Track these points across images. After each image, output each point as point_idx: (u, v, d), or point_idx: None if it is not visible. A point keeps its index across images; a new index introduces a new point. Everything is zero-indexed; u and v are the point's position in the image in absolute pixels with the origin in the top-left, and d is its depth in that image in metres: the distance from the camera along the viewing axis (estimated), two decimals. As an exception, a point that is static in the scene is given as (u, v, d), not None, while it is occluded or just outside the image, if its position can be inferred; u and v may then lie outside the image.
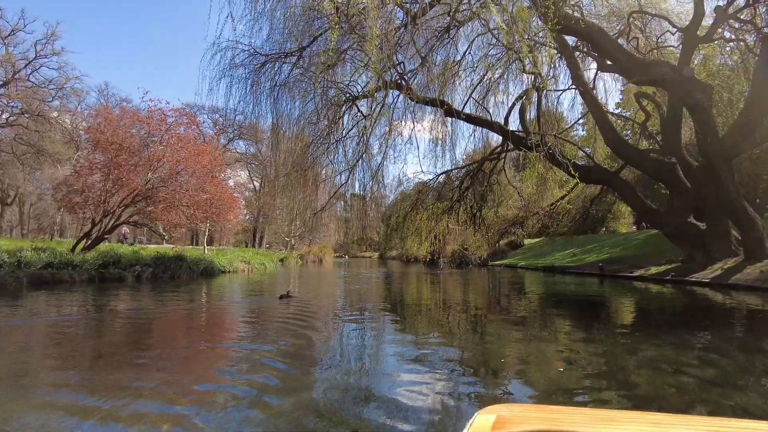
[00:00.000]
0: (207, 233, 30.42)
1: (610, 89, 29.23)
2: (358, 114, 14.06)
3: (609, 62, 14.68)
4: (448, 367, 4.75)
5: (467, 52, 15.77)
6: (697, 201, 13.46)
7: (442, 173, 18.66)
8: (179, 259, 17.35)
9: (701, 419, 1.47)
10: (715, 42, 15.31)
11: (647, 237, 22.41)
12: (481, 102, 16.77)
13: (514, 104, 17.10)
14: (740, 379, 4.31)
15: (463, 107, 15.69)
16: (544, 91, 15.46)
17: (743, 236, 12.75)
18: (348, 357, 5.42)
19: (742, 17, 14.32)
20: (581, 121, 25.90)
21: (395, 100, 13.81)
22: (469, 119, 15.90)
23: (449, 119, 16.80)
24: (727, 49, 16.77)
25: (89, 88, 40.67)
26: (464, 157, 22.13)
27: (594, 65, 17.87)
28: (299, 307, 9.55)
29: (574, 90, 19.00)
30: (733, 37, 15.27)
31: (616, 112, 23.94)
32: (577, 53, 16.49)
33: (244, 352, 5.42)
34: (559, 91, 17.75)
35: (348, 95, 13.59)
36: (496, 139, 18.54)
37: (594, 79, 17.84)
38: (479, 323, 8.22)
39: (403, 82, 13.56)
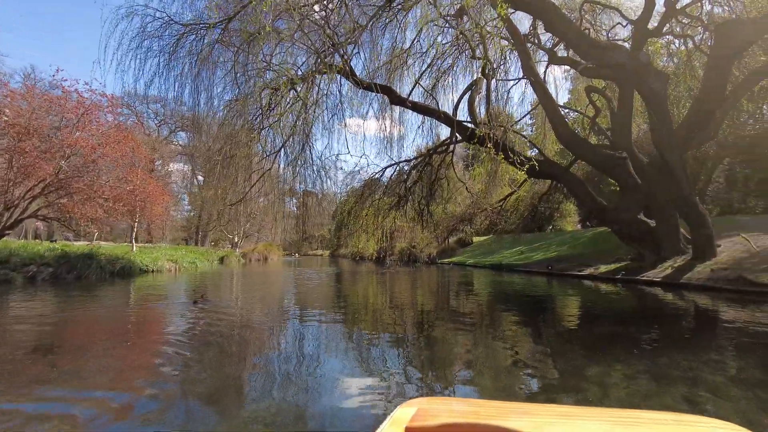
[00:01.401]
0: (135, 229, 27.95)
1: (560, 86, 29.60)
2: (295, 97, 12.67)
3: (563, 45, 14.14)
4: (384, 368, 4.58)
5: (416, 40, 14.97)
6: (647, 197, 13.09)
7: (388, 166, 17.64)
8: (88, 257, 15.26)
9: (607, 411, 1.53)
10: (665, 37, 15.16)
11: (594, 235, 22.36)
12: (430, 92, 15.94)
13: (462, 95, 16.32)
14: (690, 377, 4.21)
15: (409, 94, 14.73)
16: (494, 80, 14.77)
17: (693, 234, 12.45)
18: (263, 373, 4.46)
19: (689, 12, 14.18)
20: (531, 122, 25.77)
21: (328, 82, 12.44)
22: (416, 107, 14.95)
23: (397, 109, 15.84)
24: (674, 47, 16.75)
25: (12, 70, 36.69)
26: (415, 152, 21.34)
27: (545, 59, 17.40)
28: (213, 314, 8.13)
29: (524, 84, 18.52)
30: (681, 33, 15.10)
31: (565, 111, 23.84)
32: (529, 45, 15.92)
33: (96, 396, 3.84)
34: (509, 81, 17.18)
35: (285, 78, 12.17)
36: (445, 133, 17.76)
37: (544, 74, 17.36)
38: (418, 325, 7.23)
39: (346, 66, 12.35)
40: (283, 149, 11.87)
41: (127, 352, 5.33)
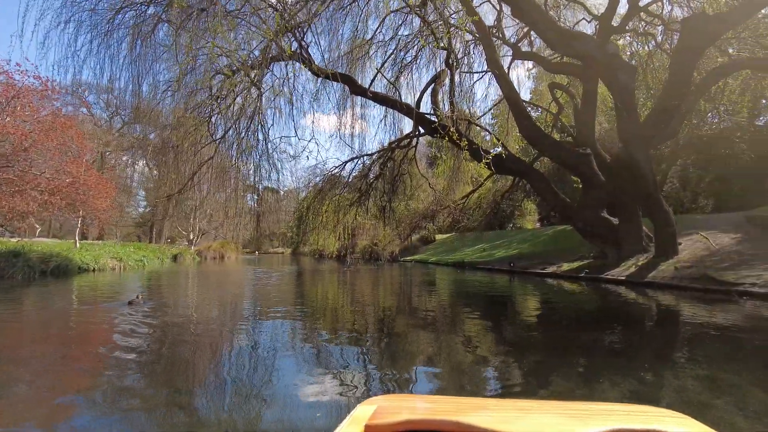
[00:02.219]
0: (80, 225, 26.04)
1: (523, 84, 29.68)
2: (248, 84, 11.75)
3: (527, 41, 13.91)
4: (343, 368, 4.45)
5: (378, 30, 14.46)
6: (611, 195, 12.99)
7: (348, 160, 17.00)
8: (15, 255, 13.83)
9: (563, 404, 1.60)
10: (627, 37, 15.23)
11: (555, 233, 22.46)
12: (393, 83, 15.39)
13: (426, 87, 15.87)
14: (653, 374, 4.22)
15: (371, 84, 14.12)
16: (458, 72, 14.37)
17: (657, 231, 12.41)
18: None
19: (651, 10, 14.25)
20: (493, 121, 25.67)
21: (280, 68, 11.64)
22: (377, 98, 14.36)
23: (358, 101, 15.21)
24: (635, 47, 16.90)
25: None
26: (379, 148, 20.79)
27: (509, 54, 17.17)
28: (150, 318, 7.26)
29: (487, 81, 18.25)
30: (643, 31, 15.20)
31: (529, 109, 23.84)
32: (494, 39, 15.64)
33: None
34: (473, 73, 16.84)
35: (235, 66, 11.23)
36: (409, 129, 17.27)
37: (508, 69, 17.14)
38: (378, 325, 6.82)
39: (303, 52, 11.58)
40: (231, 134, 10.94)
41: (38, 371, 4.38)
